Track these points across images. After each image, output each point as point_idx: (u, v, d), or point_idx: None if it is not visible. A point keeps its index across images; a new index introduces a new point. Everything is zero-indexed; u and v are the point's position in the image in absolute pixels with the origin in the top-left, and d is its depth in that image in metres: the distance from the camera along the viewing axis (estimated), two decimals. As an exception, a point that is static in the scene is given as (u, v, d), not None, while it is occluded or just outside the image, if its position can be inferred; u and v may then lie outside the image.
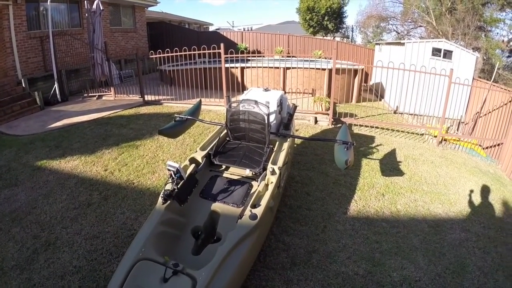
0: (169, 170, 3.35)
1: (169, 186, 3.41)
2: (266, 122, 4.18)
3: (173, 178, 3.37)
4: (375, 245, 4.20)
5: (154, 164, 5.96)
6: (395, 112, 10.46)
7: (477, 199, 5.63)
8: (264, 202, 3.29)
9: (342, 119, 8.64)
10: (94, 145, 6.67)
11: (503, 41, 22.37)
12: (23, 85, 9.62)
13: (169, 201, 3.27)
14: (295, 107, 5.38)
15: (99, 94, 10.78)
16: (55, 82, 10.09)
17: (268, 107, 4.23)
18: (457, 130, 10.04)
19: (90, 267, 3.63)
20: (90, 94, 10.85)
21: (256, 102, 4.22)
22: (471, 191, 5.85)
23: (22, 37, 9.90)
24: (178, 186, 3.39)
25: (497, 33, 23.06)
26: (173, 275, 2.51)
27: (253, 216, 3.05)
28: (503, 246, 4.48)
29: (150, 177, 5.53)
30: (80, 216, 4.49)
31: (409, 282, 3.66)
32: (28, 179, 5.39)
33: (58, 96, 10.13)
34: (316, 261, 3.84)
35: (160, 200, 3.28)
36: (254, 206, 3.24)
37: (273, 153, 4.12)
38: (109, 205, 4.73)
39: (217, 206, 3.58)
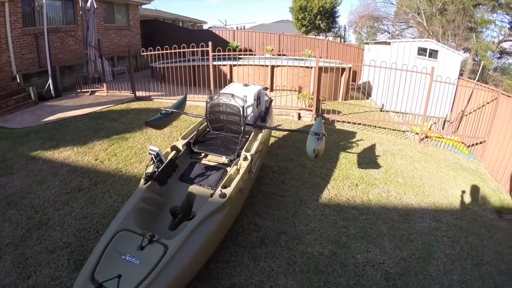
0: (150, 153, 3.74)
1: (150, 169, 3.79)
2: (241, 113, 4.55)
3: (153, 161, 3.75)
4: (342, 229, 4.51)
5: (142, 154, 6.27)
6: (381, 110, 10.76)
7: (453, 192, 5.86)
8: (234, 183, 3.65)
9: (325, 115, 8.95)
10: (86, 137, 6.96)
11: (493, 42, 22.66)
12: (18, 81, 9.81)
13: (150, 182, 3.63)
14: (270, 101, 5.73)
15: (92, 90, 10.99)
16: (49, 78, 10.29)
17: (245, 101, 4.60)
18: (442, 128, 10.31)
19: (79, 242, 3.97)
20: (83, 90, 11.05)
21: (232, 95, 4.59)
22: (448, 185, 6.09)
23: (18, 34, 10.09)
24: (158, 169, 3.76)
25: (488, 35, 23.39)
26: (149, 244, 2.87)
27: (222, 195, 3.41)
28: (474, 236, 4.71)
29: (137, 166, 5.86)
30: (71, 199, 4.82)
31: (373, 264, 3.93)
32: (23, 168, 5.68)
33: (52, 92, 10.34)
34: (284, 242, 4.18)
35: (142, 180, 3.65)
36: (225, 187, 3.59)
37: (248, 142, 4.47)
38: (98, 190, 5.06)
39: (193, 188, 3.93)
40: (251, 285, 3.52)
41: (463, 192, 5.97)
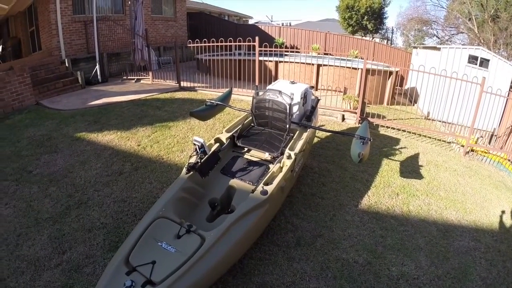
0: (194, 144, 3.75)
1: (193, 159, 3.81)
2: (287, 111, 4.48)
3: (197, 152, 3.77)
4: (379, 239, 4.33)
5: (184, 144, 6.35)
6: (426, 118, 10.36)
7: (495, 212, 5.49)
8: (276, 181, 3.59)
9: (369, 119, 8.72)
10: (130, 123, 7.16)
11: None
12: (66, 65, 10.37)
13: (191, 172, 3.65)
14: (317, 100, 5.63)
15: (138, 77, 11.34)
16: (97, 64, 10.74)
17: (292, 98, 4.53)
18: (489, 143, 9.80)
19: (115, 224, 4.07)
20: (129, 77, 11.45)
21: (280, 92, 4.53)
22: (491, 203, 5.73)
23: (67, 20, 10.61)
24: (201, 160, 3.76)
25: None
26: (186, 233, 2.88)
27: (264, 192, 3.37)
28: (512, 262, 4.41)
29: (179, 154, 5.94)
30: (111, 182, 4.96)
31: (407, 278, 3.73)
32: (67, 148, 5.93)
33: (98, 77, 10.81)
34: (319, 245, 4.07)
35: (184, 170, 3.69)
36: (267, 184, 3.55)
37: (292, 141, 4.39)
38: (139, 175, 5.18)
39: (234, 182, 3.93)
40: (283, 285, 3.45)
41: (505, 213, 5.57)
